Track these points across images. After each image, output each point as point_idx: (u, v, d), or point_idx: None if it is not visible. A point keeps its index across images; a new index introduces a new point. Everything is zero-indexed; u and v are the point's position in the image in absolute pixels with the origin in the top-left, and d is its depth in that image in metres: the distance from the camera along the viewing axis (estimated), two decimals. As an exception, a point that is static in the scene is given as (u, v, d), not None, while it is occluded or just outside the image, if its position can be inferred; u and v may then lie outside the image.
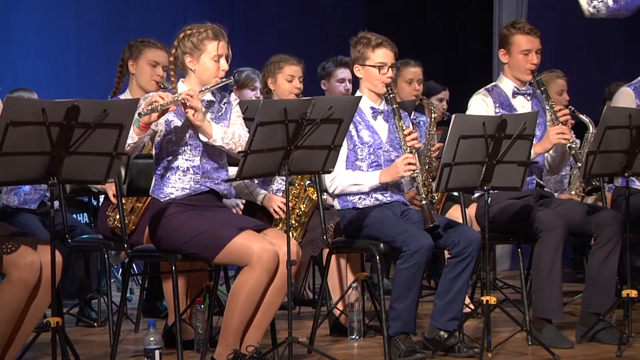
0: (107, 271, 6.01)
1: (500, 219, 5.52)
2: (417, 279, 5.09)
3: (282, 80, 6.26)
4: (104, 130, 4.28)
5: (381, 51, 5.34)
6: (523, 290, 5.70)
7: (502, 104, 5.68)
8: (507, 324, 5.50)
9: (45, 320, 4.36)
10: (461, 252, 5.11)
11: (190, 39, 4.88)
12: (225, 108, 4.99)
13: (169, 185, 4.87)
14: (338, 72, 7.08)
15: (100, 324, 6.23)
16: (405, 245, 5.05)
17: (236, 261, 4.76)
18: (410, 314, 5.12)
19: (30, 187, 6.46)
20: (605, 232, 5.44)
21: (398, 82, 6.79)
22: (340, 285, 5.82)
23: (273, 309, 4.78)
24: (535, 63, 5.66)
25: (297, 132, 4.63)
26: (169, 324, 5.41)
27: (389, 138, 5.36)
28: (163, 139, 4.88)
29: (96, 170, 4.36)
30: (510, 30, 5.71)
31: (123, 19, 9.07)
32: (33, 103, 4.34)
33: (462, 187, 5.36)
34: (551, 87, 6.32)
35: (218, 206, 4.95)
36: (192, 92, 4.78)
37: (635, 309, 5.68)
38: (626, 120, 5.22)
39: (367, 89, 5.40)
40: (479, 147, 4.98)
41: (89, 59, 8.87)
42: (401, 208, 5.34)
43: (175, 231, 4.82)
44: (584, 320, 5.50)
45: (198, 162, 4.90)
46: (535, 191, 5.66)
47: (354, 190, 5.29)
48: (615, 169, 5.36)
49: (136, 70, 6.06)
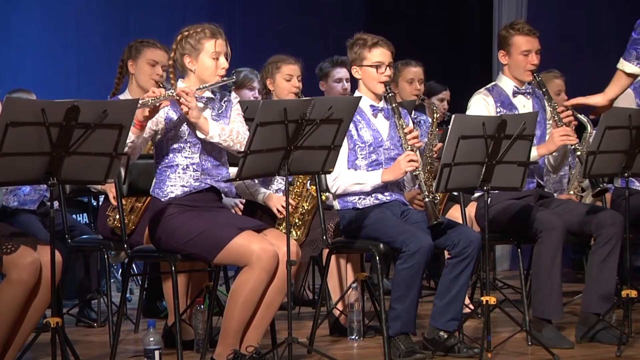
0: (107, 271, 6.01)
1: (500, 219, 5.52)
2: (417, 279, 5.09)
3: (280, 79, 6.27)
4: (104, 131, 4.28)
5: (378, 51, 5.34)
6: (523, 290, 5.70)
7: (503, 103, 5.69)
8: (506, 324, 5.50)
9: (44, 320, 4.36)
10: (461, 253, 5.11)
11: (188, 40, 4.88)
12: (226, 106, 5.00)
13: (169, 184, 4.87)
14: (335, 72, 7.08)
15: (100, 324, 6.23)
16: (405, 245, 5.05)
17: (236, 261, 4.76)
18: (410, 314, 5.12)
19: (29, 188, 6.46)
20: (605, 232, 5.44)
21: (399, 82, 6.80)
22: (340, 285, 5.82)
23: (273, 309, 4.78)
24: (535, 64, 5.67)
25: (297, 133, 4.63)
26: (168, 324, 5.41)
27: (390, 136, 5.36)
28: (163, 136, 4.89)
29: (96, 171, 4.35)
30: (510, 32, 5.71)
31: (123, 19, 9.07)
32: (33, 103, 4.34)
33: (462, 187, 5.36)
34: (549, 88, 6.30)
35: (218, 206, 4.95)
36: (187, 89, 4.79)
37: (635, 309, 5.68)
38: (626, 120, 5.23)
39: (366, 89, 5.40)
40: (478, 148, 4.98)
41: (89, 60, 8.88)
42: (401, 208, 5.34)
43: (175, 231, 4.82)
44: (584, 321, 5.50)
45: (197, 159, 4.90)
46: (535, 191, 5.66)
47: (356, 189, 5.29)
48: (615, 169, 5.35)
49: (135, 70, 6.07)
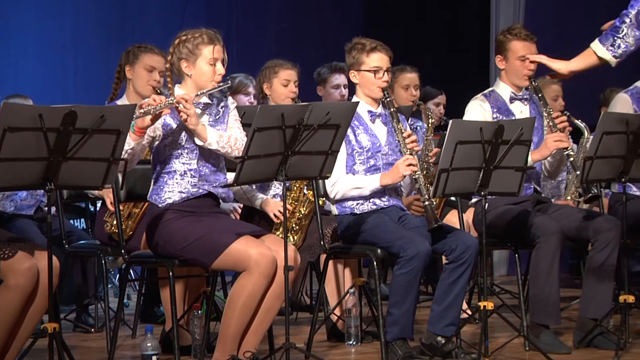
0: (105, 277, 6.00)
1: (497, 225, 5.52)
2: (415, 284, 5.09)
3: (277, 84, 6.28)
4: (101, 136, 4.27)
5: (376, 55, 5.35)
6: (520, 295, 5.70)
7: (500, 109, 5.69)
8: (504, 330, 5.50)
9: (42, 326, 4.36)
10: (458, 258, 5.11)
11: (186, 44, 4.89)
12: (223, 111, 5.00)
13: (166, 190, 4.88)
14: (333, 78, 7.09)
15: (98, 330, 6.22)
16: (402, 250, 5.04)
17: (234, 267, 4.76)
18: (408, 320, 5.12)
19: (26, 193, 6.45)
20: (603, 238, 5.44)
21: (395, 88, 6.80)
22: (338, 290, 5.82)
23: (271, 315, 4.78)
24: (532, 69, 5.67)
25: (294, 138, 4.64)
26: (166, 329, 5.41)
27: (388, 141, 5.36)
28: (160, 143, 4.89)
29: (93, 176, 4.35)
30: (507, 37, 5.71)
31: (121, 24, 9.07)
32: (30, 109, 4.34)
33: (460, 192, 5.35)
34: (546, 93, 6.31)
35: (215, 212, 4.95)
36: (186, 97, 4.79)
37: (633, 314, 5.68)
38: (623, 125, 5.23)
39: (363, 94, 5.40)
40: (476, 153, 4.98)
41: (87, 65, 8.87)
42: (398, 213, 5.34)
43: (172, 237, 4.82)
44: (582, 326, 5.50)
45: (195, 165, 4.90)
46: (532, 197, 5.66)
47: (355, 194, 5.29)
48: (612, 174, 5.35)
49: (133, 75, 6.07)
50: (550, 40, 8.94)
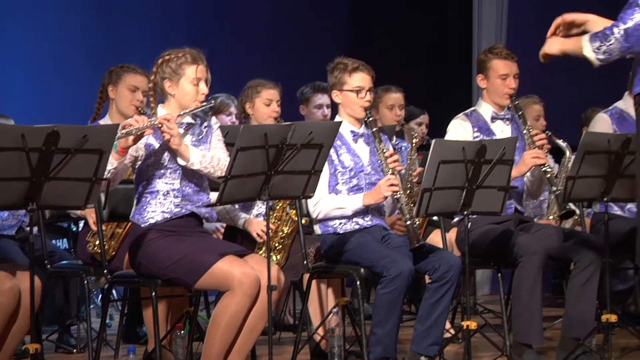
0: (87, 297, 5.97)
1: (480, 244, 5.52)
2: (398, 303, 5.08)
3: (260, 104, 6.29)
4: (84, 156, 4.27)
5: (358, 75, 5.35)
6: (503, 315, 5.70)
7: (481, 129, 5.71)
8: (487, 349, 5.50)
9: (24, 346, 4.34)
10: (441, 277, 5.11)
11: (169, 64, 4.89)
12: (206, 131, 5.00)
13: (149, 210, 4.87)
14: (316, 98, 7.09)
15: (80, 350, 6.18)
16: (385, 270, 5.04)
17: (217, 286, 4.75)
18: (391, 339, 5.11)
19: (7, 213, 6.41)
20: (585, 257, 5.45)
21: (379, 108, 6.82)
22: (321, 310, 5.81)
23: (254, 335, 4.77)
24: (513, 87, 5.70)
25: (277, 157, 4.64)
26: (148, 349, 5.39)
27: (371, 161, 5.37)
28: (143, 163, 4.88)
29: (76, 196, 4.34)
30: (488, 56, 5.74)
31: (104, 44, 9.07)
32: (12, 129, 4.33)
33: (442, 212, 5.37)
34: (528, 113, 6.34)
35: (199, 232, 4.94)
36: (169, 116, 4.79)
37: (615, 333, 5.69)
38: (605, 145, 5.25)
39: (346, 114, 5.41)
40: (458, 172, 4.99)
41: (69, 85, 8.86)
42: (382, 233, 5.35)
43: (155, 256, 4.81)
44: (564, 345, 5.51)
45: (178, 185, 4.89)
46: (514, 216, 5.67)
47: (337, 214, 5.29)
48: (594, 194, 5.37)
49: (116, 95, 6.07)
50: (532, 59, 8.97)
